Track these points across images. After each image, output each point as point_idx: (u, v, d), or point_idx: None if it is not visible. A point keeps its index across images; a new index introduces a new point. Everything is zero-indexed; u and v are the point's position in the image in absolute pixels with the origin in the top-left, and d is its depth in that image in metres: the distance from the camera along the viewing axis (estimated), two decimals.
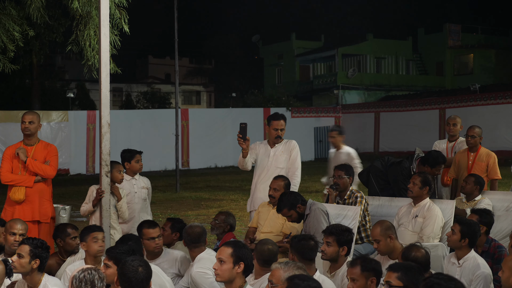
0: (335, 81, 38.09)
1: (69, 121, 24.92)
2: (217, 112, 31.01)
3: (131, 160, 6.99)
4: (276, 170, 7.11)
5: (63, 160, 23.86)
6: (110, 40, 6.19)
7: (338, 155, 8.80)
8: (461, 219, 5.30)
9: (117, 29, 7.78)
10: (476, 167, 7.69)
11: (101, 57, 5.63)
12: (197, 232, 5.42)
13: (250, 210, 7.33)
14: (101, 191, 5.82)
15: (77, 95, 36.66)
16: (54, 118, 24.64)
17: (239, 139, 6.85)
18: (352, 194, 6.72)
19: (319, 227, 5.85)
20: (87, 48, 7.80)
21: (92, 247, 5.17)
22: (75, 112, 26.66)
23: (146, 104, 42.58)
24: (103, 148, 5.66)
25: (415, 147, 8.42)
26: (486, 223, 5.60)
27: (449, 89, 37.53)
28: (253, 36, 47.27)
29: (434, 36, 42.75)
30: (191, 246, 5.42)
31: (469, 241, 5.03)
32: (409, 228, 6.15)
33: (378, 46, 41.53)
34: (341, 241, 4.96)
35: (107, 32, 5.66)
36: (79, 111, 27.85)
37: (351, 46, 41.48)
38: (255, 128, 27.09)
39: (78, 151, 24.93)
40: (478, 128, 7.82)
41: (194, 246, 5.41)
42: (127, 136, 24.37)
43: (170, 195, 16.89)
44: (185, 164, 27.05)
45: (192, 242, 5.41)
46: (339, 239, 4.95)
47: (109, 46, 5.73)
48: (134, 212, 6.91)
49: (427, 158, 7.31)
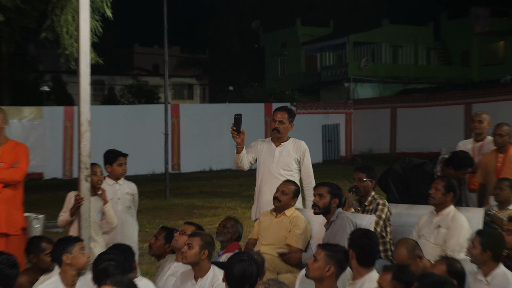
0: (346, 73, 38.10)
1: (44, 118, 24.90)
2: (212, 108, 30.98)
3: (113, 163, 6.98)
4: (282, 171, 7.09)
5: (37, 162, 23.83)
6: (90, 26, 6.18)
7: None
8: (481, 230, 5.30)
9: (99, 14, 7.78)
10: (506, 170, 7.69)
11: (80, 46, 5.63)
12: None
13: (255, 218, 7.23)
14: (80, 198, 5.80)
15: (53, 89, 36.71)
16: (26, 114, 24.62)
17: (233, 131, 6.83)
18: (373, 201, 6.70)
19: (342, 237, 5.82)
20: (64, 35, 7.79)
21: (80, 259, 5.06)
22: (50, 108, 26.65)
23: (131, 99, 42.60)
24: (83, 149, 5.66)
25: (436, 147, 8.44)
26: None
27: (476, 81, 37.53)
28: (252, 22, 47.28)
29: (458, 21, 42.75)
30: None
31: (492, 255, 5.02)
32: (431, 240, 6.14)
33: (395, 33, 41.55)
34: (333, 260, 4.81)
35: (87, 17, 5.65)
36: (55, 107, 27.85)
37: (364, 33, 41.50)
38: (255, 126, 27.09)
39: (54, 152, 24.91)
40: (506, 126, 7.82)
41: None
42: (110, 135, 24.33)
43: (158, 202, 16.87)
44: (175, 167, 27.03)
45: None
46: (332, 255, 4.82)
47: (89, 33, 5.73)
48: (117, 221, 6.90)
49: (452, 159, 7.31)
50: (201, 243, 5.15)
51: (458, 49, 42.66)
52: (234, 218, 6.91)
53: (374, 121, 31.77)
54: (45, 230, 10.85)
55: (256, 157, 7.27)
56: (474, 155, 8.25)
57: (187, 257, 5.15)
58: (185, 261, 5.19)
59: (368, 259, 4.92)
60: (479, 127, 8.40)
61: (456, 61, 43.01)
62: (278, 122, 7.13)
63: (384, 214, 6.53)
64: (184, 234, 5.61)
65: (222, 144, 27.46)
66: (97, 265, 4.74)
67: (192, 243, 5.15)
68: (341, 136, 32.62)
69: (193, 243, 5.15)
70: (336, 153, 32.58)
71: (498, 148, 7.85)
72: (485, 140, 8.40)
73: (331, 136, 32.14)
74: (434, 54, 43.49)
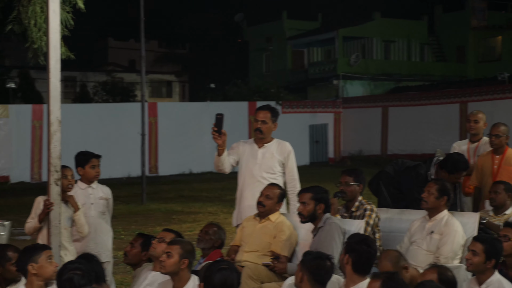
0: (335, 70, 38.20)
1: (10, 118, 24.79)
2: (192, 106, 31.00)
3: (85, 165, 6.95)
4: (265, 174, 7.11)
5: (2, 165, 23.76)
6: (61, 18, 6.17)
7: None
8: (480, 236, 5.34)
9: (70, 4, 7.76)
10: (503, 173, 7.73)
11: (50, 39, 5.61)
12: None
13: (237, 223, 7.27)
14: (50, 203, 5.78)
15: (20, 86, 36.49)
16: None
17: (214, 132, 6.83)
18: (361, 206, 6.73)
19: (330, 244, 5.87)
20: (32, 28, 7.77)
21: (47, 269, 5.02)
22: (17, 106, 26.54)
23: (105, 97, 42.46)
24: (52, 151, 5.64)
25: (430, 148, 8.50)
26: None
27: (472, 79, 37.78)
28: (236, 14, 47.28)
29: (454, 15, 43.00)
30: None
31: (495, 263, 5.07)
32: (423, 246, 6.17)
33: (387, 27, 41.71)
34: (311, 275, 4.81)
35: (57, 9, 5.63)
36: (22, 105, 27.75)
37: (354, 27, 41.62)
38: (238, 126, 27.14)
39: (21, 154, 24.80)
40: (503, 126, 7.86)
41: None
42: (82, 136, 24.28)
43: (134, 207, 16.85)
44: (153, 169, 27.00)
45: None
46: (309, 271, 4.81)
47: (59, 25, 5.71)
48: (90, 228, 6.87)
49: (446, 161, 7.35)
50: (181, 251, 5.13)
51: (453, 45, 42.88)
52: (216, 224, 6.92)
53: (364, 121, 31.89)
54: (11, 237, 10.79)
55: (238, 159, 7.28)
56: (469, 156, 8.29)
57: (165, 266, 5.13)
58: (164, 270, 5.17)
59: (364, 267, 4.93)
60: (475, 127, 8.43)
61: (452, 57, 43.24)
62: (261, 122, 7.14)
63: (372, 220, 6.56)
64: (162, 242, 5.59)
65: (203, 145, 27.44)
66: (61, 275, 4.72)
67: (171, 251, 5.13)
68: (330, 136, 32.72)
69: (172, 251, 5.13)
70: (324, 154, 32.66)
71: (494, 150, 7.89)
72: (481, 141, 8.43)
73: (318, 137, 32.22)
74: (428, 50, 43.69)
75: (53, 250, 5.44)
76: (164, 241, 5.57)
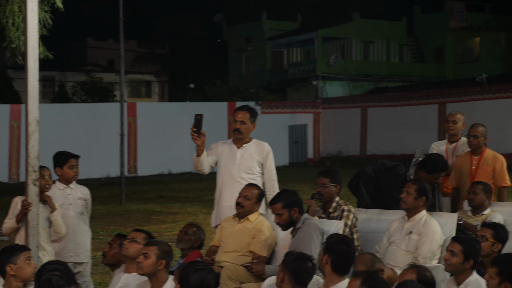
0: (314, 70, 38.29)
1: None
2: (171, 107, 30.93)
3: (63, 165, 6.91)
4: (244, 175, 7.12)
5: None
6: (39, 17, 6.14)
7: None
8: (459, 236, 5.37)
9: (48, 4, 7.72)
10: (481, 173, 7.79)
11: (28, 39, 5.58)
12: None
13: (215, 224, 7.27)
14: (28, 204, 5.74)
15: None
16: None
17: (193, 133, 6.83)
18: (338, 207, 6.74)
19: (308, 245, 5.88)
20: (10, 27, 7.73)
21: (25, 270, 5.01)
22: None
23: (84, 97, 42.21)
24: (30, 151, 5.61)
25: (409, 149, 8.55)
26: (502, 240, 5.68)
27: (450, 79, 38.01)
28: (215, 15, 47.25)
29: (433, 16, 43.25)
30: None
31: (474, 263, 5.11)
32: (402, 246, 6.20)
33: (366, 28, 41.87)
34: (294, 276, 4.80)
35: (35, 8, 5.61)
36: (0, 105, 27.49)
37: (334, 28, 41.75)
38: (218, 126, 27.12)
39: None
40: (482, 127, 7.91)
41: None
42: (61, 136, 24.17)
43: (113, 208, 16.80)
44: (132, 170, 26.92)
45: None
46: (290, 272, 4.80)
47: (37, 25, 5.69)
48: (68, 229, 6.85)
49: (425, 162, 7.39)
50: (158, 252, 5.11)
51: (432, 46, 43.13)
52: (196, 225, 6.91)
53: (343, 121, 31.99)
54: None
55: (217, 159, 7.29)
56: (448, 157, 8.34)
57: (143, 267, 5.10)
58: (141, 272, 5.15)
59: (343, 267, 4.94)
60: (453, 127, 8.49)
61: (430, 58, 43.50)
62: (239, 122, 7.15)
63: (350, 221, 6.58)
64: (134, 242, 5.55)
65: (182, 145, 27.38)
66: (39, 276, 4.71)
67: (148, 252, 5.11)
68: (309, 137, 32.78)
69: (149, 252, 5.10)
70: (303, 155, 32.72)
71: (472, 150, 7.94)
72: (459, 141, 8.49)
73: (298, 137, 32.27)
74: (407, 51, 43.91)
75: (31, 250, 5.41)
76: (136, 241, 5.53)
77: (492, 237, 5.59)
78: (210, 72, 47.88)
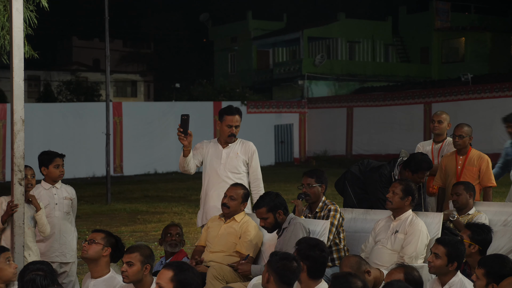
0: (300, 70, 38.31)
1: None
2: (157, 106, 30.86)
3: (49, 164, 6.88)
4: (230, 174, 7.13)
5: None
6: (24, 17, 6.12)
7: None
8: (443, 238, 5.37)
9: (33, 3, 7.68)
10: (466, 173, 7.81)
11: (13, 38, 5.56)
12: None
13: (201, 224, 7.27)
14: (14, 205, 5.72)
15: None
16: None
17: (180, 133, 6.82)
18: (324, 206, 6.75)
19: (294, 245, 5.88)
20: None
21: (6, 271, 5.04)
22: None
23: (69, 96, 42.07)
24: (16, 150, 5.59)
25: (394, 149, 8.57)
26: (479, 241, 5.62)
27: (435, 79, 38.13)
28: (201, 14, 47.21)
29: (418, 16, 43.40)
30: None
31: (458, 265, 5.12)
32: (388, 246, 6.22)
33: (352, 28, 41.95)
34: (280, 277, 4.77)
35: (20, 7, 5.58)
36: None
37: (319, 28, 41.81)
38: (204, 125, 27.11)
39: None
40: (467, 127, 7.93)
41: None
42: (46, 136, 24.09)
43: (99, 207, 16.75)
44: (117, 169, 26.85)
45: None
46: (276, 272, 4.79)
47: (23, 24, 5.66)
48: (54, 228, 6.82)
49: (410, 161, 7.41)
50: (141, 258, 5.08)
51: (417, 45, 43.26)
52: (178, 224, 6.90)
53: (329, 121, 32.05)
54: None
55: (202, 159, 7.29)
56: (433, 157, 8.37)
57: (129, 276, 5.06)
58: (127, 280, 5.10)
59: (319, 271, 4.95)
60: (439, 127, 8.50)
61: (415, 58, 43.63)
62: (235, 127, 7.18)
63: (337, 221, 6.58)
64: (93, 243, 5.46)
65: (168, 145, 27.38)
66: (23, 276, 4.71)
67: (131, 260, 5.06)
68: (295, 137, 32.82)
69: (132, 260, 5.06)
70: (289, 155, 32.76)
71: (458, 150, 7.95)
72: (445, 141, 8.50)
73: (284, 137, 32.30)
74: (392, 51, 44.03)
75: (17, 250, 5.40)
76: (95, 242, 5.45)
77: (469, 239, 5.57)
78: (195, 71, 47.88)
